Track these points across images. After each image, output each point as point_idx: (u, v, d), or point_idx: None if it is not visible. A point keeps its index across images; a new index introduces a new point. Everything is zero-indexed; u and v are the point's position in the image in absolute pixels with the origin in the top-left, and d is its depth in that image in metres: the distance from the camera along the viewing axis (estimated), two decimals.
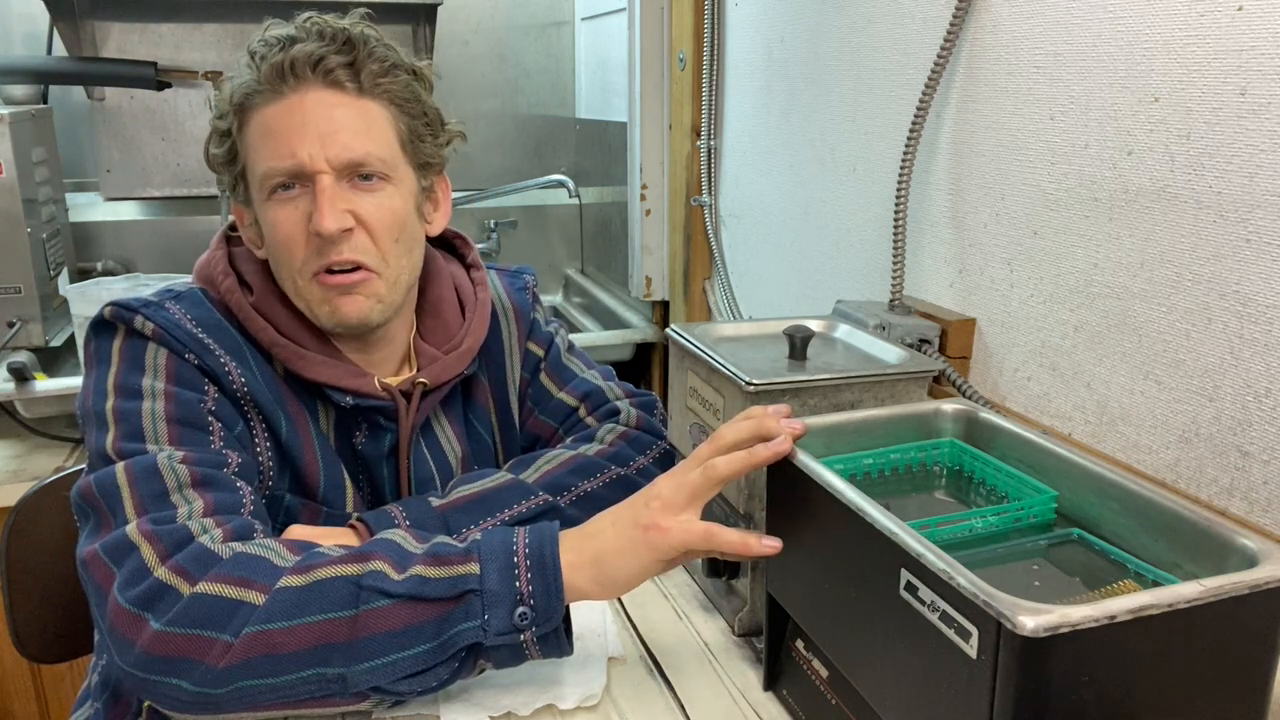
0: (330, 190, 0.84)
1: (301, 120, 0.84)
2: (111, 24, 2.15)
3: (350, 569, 0.71)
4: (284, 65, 0.83)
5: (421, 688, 0.71)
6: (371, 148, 0.86)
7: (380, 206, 0.87)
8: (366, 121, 0.86)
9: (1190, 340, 0.82)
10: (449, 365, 0.96)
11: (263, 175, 0.85)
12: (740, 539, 0.72)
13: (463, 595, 0.70)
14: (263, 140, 0.85)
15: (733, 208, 1.75)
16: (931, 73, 1.08)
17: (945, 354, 1.09)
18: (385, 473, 0.95)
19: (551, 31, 2.50)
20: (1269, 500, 0.77)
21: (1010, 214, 1.02)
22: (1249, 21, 0.75)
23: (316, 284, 0.86)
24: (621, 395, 1.09)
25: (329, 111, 0.84)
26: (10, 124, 1.65)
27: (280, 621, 0.68)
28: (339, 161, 0.84)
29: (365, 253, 0.86)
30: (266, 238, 0.88)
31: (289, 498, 0.89)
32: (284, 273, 0.88)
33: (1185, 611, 0.49)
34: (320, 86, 0.85)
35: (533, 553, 0.72)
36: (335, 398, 0.89)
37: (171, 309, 0.85)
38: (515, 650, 0.72)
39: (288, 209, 0.85)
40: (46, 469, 1.59)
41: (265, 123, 0.85)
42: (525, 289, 1.09)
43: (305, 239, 0.85)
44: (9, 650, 1.32)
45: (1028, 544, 0.66)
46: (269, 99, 0.84)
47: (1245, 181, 0.76)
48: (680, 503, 0.73)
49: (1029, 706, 0.48)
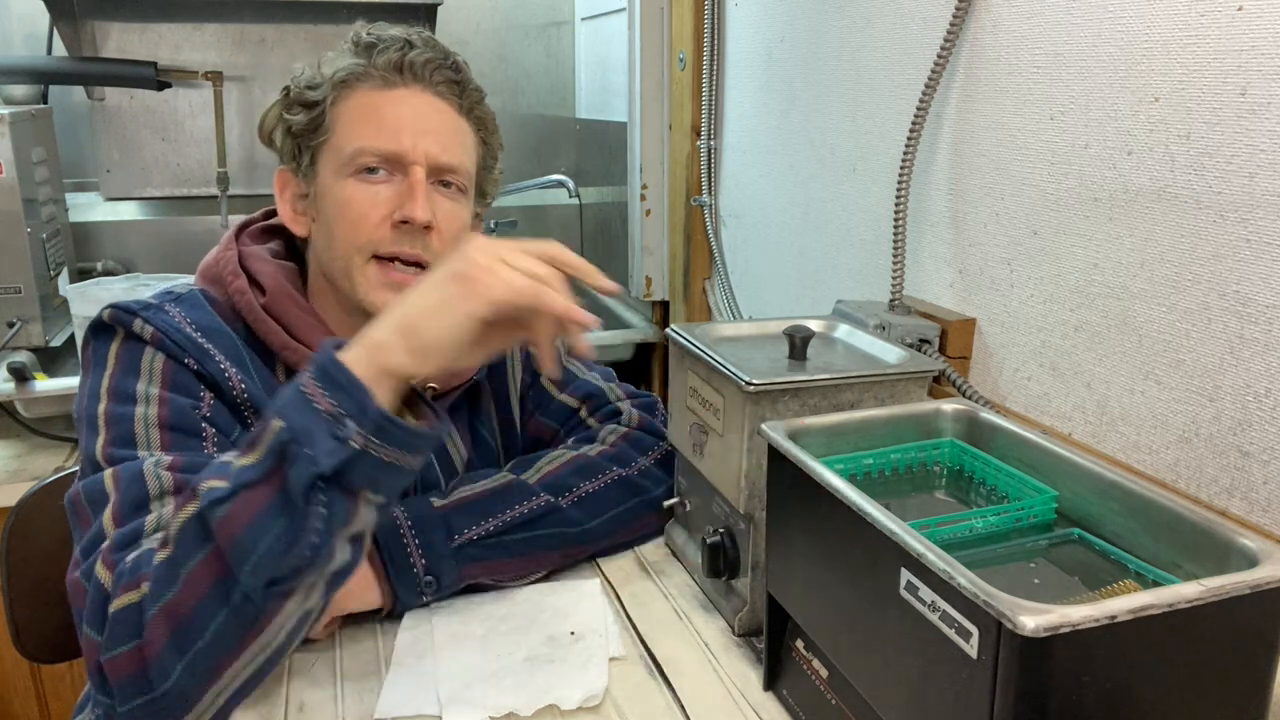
0: (424, 184, 0.88)
1: (412, 112, 0.89)
2: (111, 24, 2.15)
3: (191, 507, 0.68)
4: (402, 62, 0.89)
5: (314, 553, 0.67)
6: (463, 159, 0.92)
7: (454, 214, 0.91)
8: (460, 136, 0.92)
9: (1190, 340, 0.82)
10: (457, 371, 0.96)
11: (355, 151, 0.87)
12: (565, 305, 0.71)
13: (281, 452, 0.67)
14: (365, 120, 0.88)
15: (733, 208, 1.75)
16: (931, 73, 1.08)
17: (945, 354, 1.09)
18: None
19: (551, 31, 2.50)
20: (1269, 500, 0.77)
21: (1010, 214, 1.02)
22: (1249, 21, 0.75)
23: (376, 266, 0.88)
24: (622, 396, 1.09)
25: (435, 114, 0.90)
26: (10, 124, 1.65)
27: (166, 591, 0.67)
28: (435, 161, 0.89)
29: (432, 253, 0.89)
30: (329, 211, 0.89)
31: None
32: (339, 249, 0.88)
33: (1185, 611, 0.49)
34: (429, 92, 0.90)
35: (318, 373, 0.69)
36: None
37: (171, 312, 0.85)
38: (364, 460, 0.67)
39: (369, 189, 0.87)
40: (46, 469, 1.59)
41: (373, 105, 0.88)
42: None
43: (379, 221, 0.87)
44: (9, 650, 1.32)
45: (1028, 544, 0.66)
46: (378, 85, 0.89)
47: (1245, 181, 0.76)
48: (499, 251, 0.71)
49: (1029, 706, 0.48)
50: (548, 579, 0.93)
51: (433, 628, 0.84)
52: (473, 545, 0.86)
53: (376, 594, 0.84)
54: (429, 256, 0.89)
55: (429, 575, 0.84)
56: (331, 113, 0.89)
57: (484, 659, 0.80)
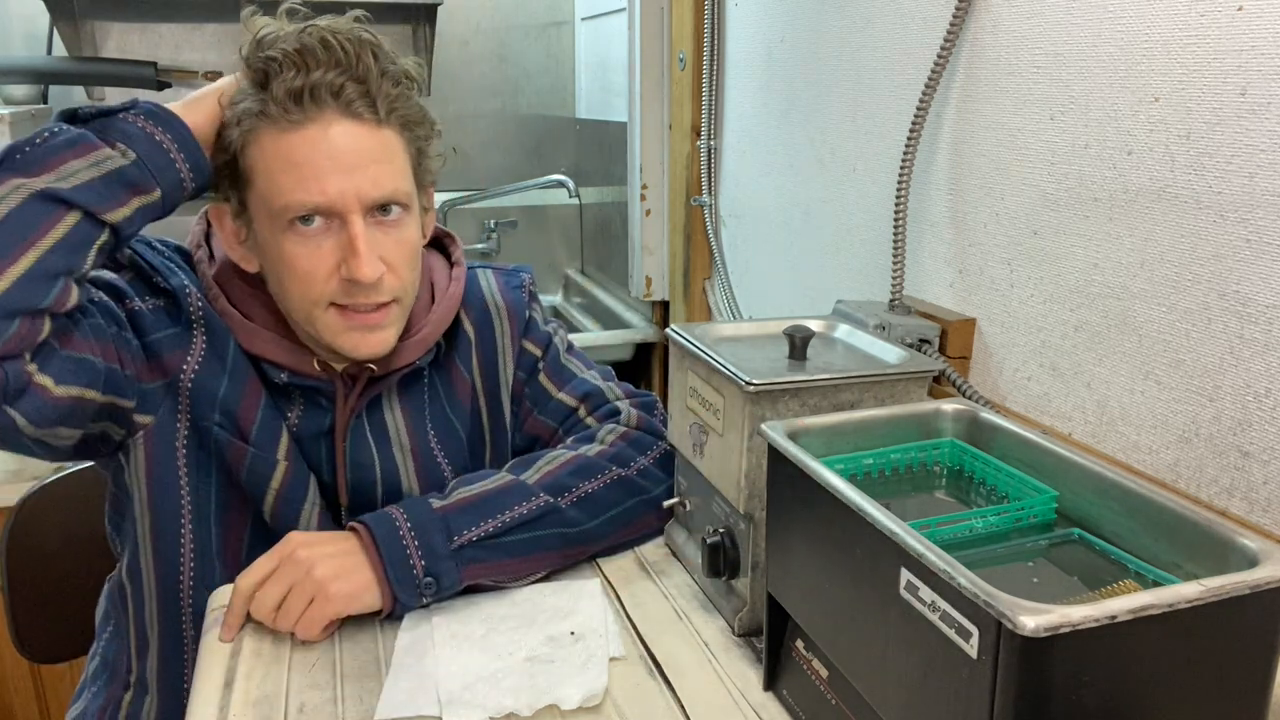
0: (364, 234, 0.84)
1: (328, 153, 0.83)
2: (111, 24, 2.15)
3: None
4: (302, 92, 0.82)
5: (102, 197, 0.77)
6: (397, 183, 0.87)
7: (402, 242, 0.89)
8: (389, 153, 0.86)
9: (1190, 340, 0.82)
10: (399, 353, 0.96)
11: (282, 207, 0.84)
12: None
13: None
14: (284, 171, 0.83)
15: (733, 208, 1.75)
16: (931, 73, 1.08)
17: (945, 354, 1.09)
18: (322, 451, 0.95)
19: (551, 31, 2.50)
20: (1269, 500, 0.77)
21: (1010, 214, 1.02)
22: (1249, 21, 0.75)
23: (336, 314, 0.88)
24: (621, 396, 1.09)
25: (352, 144, 0.83)
26: (10, 124, 1.66)
27: None
28: (369, 200, 0.85)
29: (391, 291, 0.88)
30: (275, 266, 0.88)
31: (217, 431, 0.90)
32: (294, 302, 0.88)
33: (1185, 611, 0.49)
34: (341, 116, 0.83)
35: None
36: (270, 373, 0.91)
37: (156, 245, 0.95)
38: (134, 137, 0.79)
39: (309, 245, 0.85)
40: (46, 469, 1.58)
41: (285, 153, 0.83)
42: (520, 287, 1.09)
43: (326, 275, 0.85)
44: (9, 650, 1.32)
45: (1028, 544, 0.66)
46: (282, 126, 0.83)
47: (1245, 181, 0.76)
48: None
49: (1029, 706, 0.48)
50: (548, 579, 0.93)
51: (433, 628, 0.84)
52: (472, 547, 0.86)
53: (376, 596, 0.84)
54: (388, 298, 0.88)
55: (429, 577, 0.84)
56: (244, 159, 0.85)
57: (484, 659, 0.80)
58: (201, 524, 0.92)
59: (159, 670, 0.94)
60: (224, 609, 0.85)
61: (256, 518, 0.94)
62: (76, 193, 0.76)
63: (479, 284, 1.07)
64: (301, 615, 0.81)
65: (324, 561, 0.82)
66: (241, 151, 0.85)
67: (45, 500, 1.20)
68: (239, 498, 0.93)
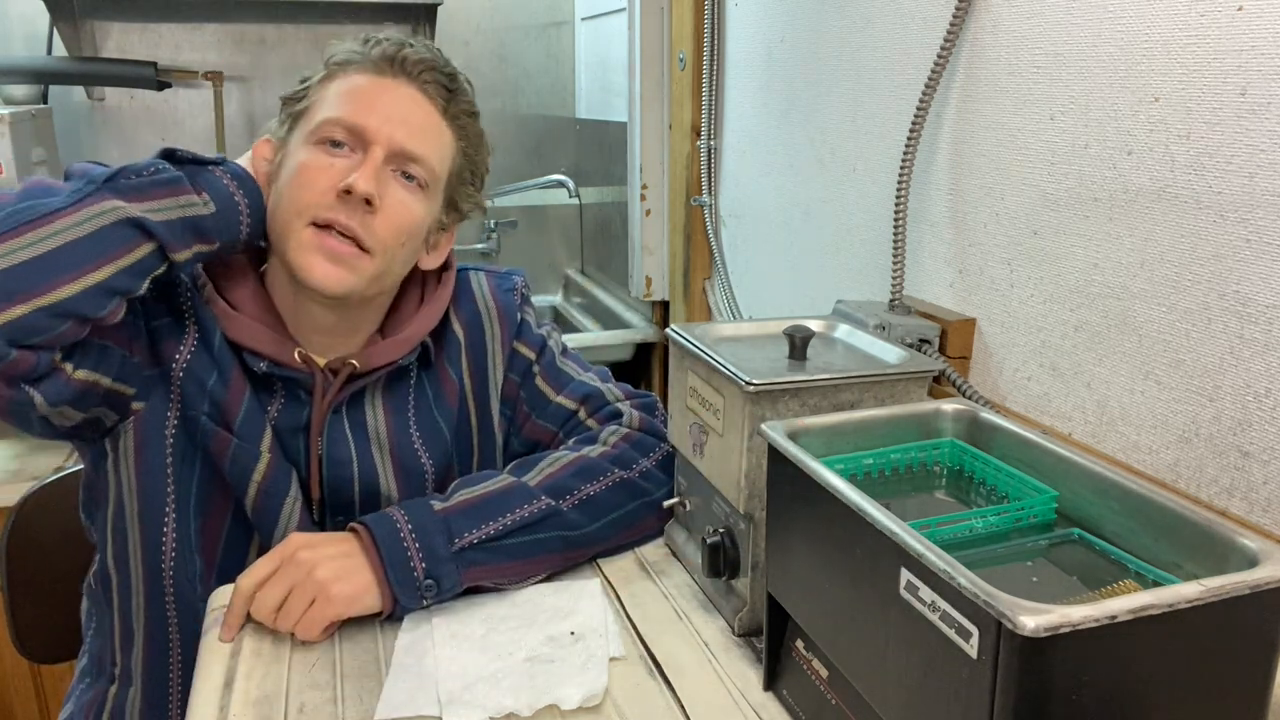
0: (378, 162, 0.88)
1: (389, 99, 0.91)
2: (111, 24, 2.15)
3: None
4: (395, 57, 0.91)
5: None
6: (430, 154, 0.92)
7: (404, 204, 0.91)
8: (435, 133, 0.93)
9: (1190, 340, 0.82)
10: (382, 351, 0.97)
11: (323, 121, 0.89)
12: None
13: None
14: (342, 97, 0.90)
15: (733, 208, 1.75)
16: (931, 73, 1.08)
17: (945, 354, 1.09)
18: (300, 445, 0.96)
19: (551, 31, 2.50)
20: (1269, 500, 0.77)
21: (1010, 214, 1.02)
22: (1249, 21, 0.75)
23: (312, 231, 0.88)
24: (621, 397, 1.09)
25: (414, 107, 0.92)
26: (10, 124, 1.66)
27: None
28: (399, 146, 0.89)
29: (369, 232, 0.89)
30: (285, 175, 0.91)
31: (205, 420, 0.91)
32: (282, 212, 0.90)
33: (1186, 611, 0.49)
34: (414, 87, 0.92)
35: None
36: (250, 361, 0.92)
37: None
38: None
39: (325, 157, 0.89)
40: (46, 469, 1.59)
41: (354, 85, 0.91)
42: (512, 290, 1.09)
43: (325, 189, 0.88)
44: (9, 650, 1.32)
45: (1028, 544, 0.66)
46: (366, 70, 0.91)
47: (1245, 181, 0.76)
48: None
49: (1029, 706, 0.48)
50: (548, 579, 0.93)
51: (432, 628, 0.84)
52: (473, 549, 0.86)
53: (377, 597, 0.84)
54: (364, 234, 0.88)
55: (429, 579, 0.84)
56: (317, 88, 0.93)
57: (484, 659, 0.80)
58: (183, 513, 0.92)
59: (144, 661, 0.94)
60: (224, 609, 0.85)
61: (237, 510, 0.94)
62: (159, 227, 0.82)
63: (470, 286, 1.07)
64: (302, 616, 0.81)
65: (325, 563, 0.82)
66: (318, 83, 0.93)
67: (45, 500, 1.20)
68: (221, 489, 0.93)
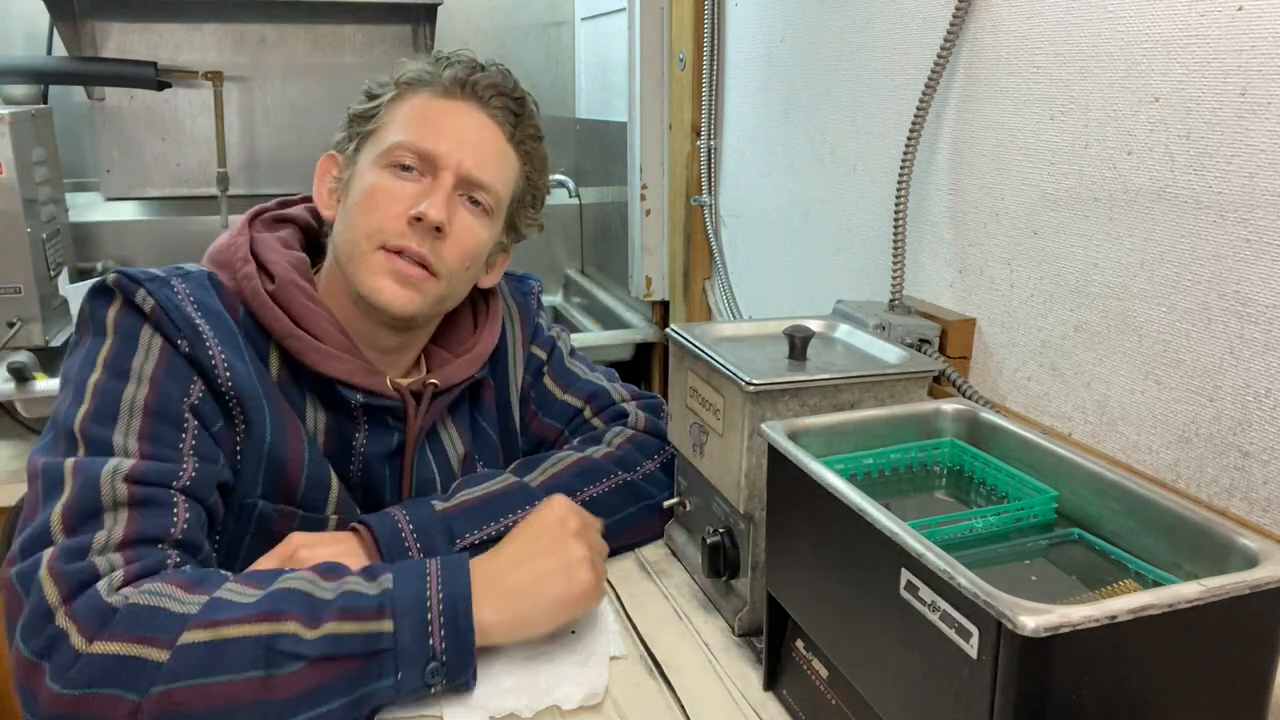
0: (447, 189, 0.89)
1: (459, 123, 0.92)
2: (111, 24, 2.15)
3: (261, 629, 0.68)
4: (467, 81, 0.92)
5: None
6: (497, 182, 0.93)
7: (471, 229, 0.92)
8: (502, 159, 0.95)
9: (1190, 340, 0.82)
10: (460, 368, 0.97)
11: (394, 144, 0.90)
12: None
13: (376, 654, 0.70)
14: (414, 119, 0.91)
15: (733, 208, 1.75)
16: (931, 73, 1.08)
17: (945, 354, 1.09)
18: (386, 473, 0.95)
19: (551, 31, 2.50)
20: (1269, 500, 0.77)
21: (1010, 214, 1.02)
22: (1249, 21, 0.75)
23: (382, 255, 0.88)
24: (627, 397, 1.09)
25: (482, 132, 0.93)
26: (10, 124, 1.65)
27: (186, 680, 0.65)
28: (468, 173, 0.90)
29: (438, 257, 0.89)
30: (354, 196, 0.90)
31: (262, 504, 0.86)
32: (351, 233, 0.89)
33: (1186, 611, 0.49)
34: (484, 112, 0.93)
35: (446, 609, 0.73)
36: (346, 394, 0.89)
37: (177, 287, 0.83)
38: (421, 697, 0.73)
39: (396, 183, 0.89)
40: None
41: (425, 107, 0.92)
42: (530, 294, 1.12)
43: (396, 214, 0.88)
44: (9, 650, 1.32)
45: (1028, 544, 0.66)
46: (438, 94, 0.92)
47: (1245, 181, 0.76)
48: (591, 543, 0.81)
49: (1029, 706, 0.48)
50: None
51: None
52: (474, 549, 0.86)
53: None
54: (435, 261, 0.89)
55: None
56: (388, 108, 0.93)
57: (484, 659, 0.80)
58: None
59: None
60: None
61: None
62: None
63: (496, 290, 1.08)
64: None
65: None
66: (389, 102, 0.93)
67: None
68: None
